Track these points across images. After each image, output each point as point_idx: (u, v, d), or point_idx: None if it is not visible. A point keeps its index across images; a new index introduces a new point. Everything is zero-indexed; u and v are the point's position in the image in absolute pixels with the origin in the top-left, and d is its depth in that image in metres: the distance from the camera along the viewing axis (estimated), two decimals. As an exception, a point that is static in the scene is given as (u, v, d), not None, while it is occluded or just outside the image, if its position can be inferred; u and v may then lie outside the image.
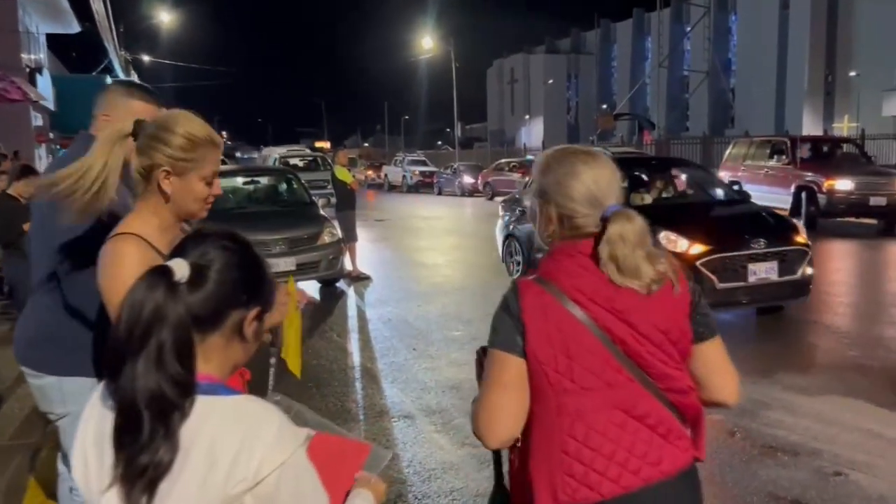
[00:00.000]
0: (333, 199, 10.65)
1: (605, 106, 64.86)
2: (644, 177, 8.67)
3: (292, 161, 24.11)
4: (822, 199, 13.29)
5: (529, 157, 37.83)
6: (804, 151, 14.79)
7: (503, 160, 30.02)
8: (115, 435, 1.06)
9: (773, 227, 6.95)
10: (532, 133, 70.04)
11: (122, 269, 1.68)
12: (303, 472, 1.11)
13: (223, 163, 26.23)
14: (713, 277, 6.27)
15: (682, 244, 6.46)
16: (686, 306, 1.56)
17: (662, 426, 1.50)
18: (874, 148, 27.40)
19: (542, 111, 74.54)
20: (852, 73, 45.70)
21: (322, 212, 9.82)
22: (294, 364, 2.25)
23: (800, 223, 7.26)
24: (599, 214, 1.51)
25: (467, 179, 29.82)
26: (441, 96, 51.41)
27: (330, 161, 25.65)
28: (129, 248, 1.74)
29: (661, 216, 6.42)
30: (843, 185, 13.17)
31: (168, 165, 1.76)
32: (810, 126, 46.24)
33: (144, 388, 1.03)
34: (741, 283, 6.39)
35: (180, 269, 1.11)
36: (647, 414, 1.49)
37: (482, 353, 1.70)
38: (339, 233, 9.43)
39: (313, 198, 10.46)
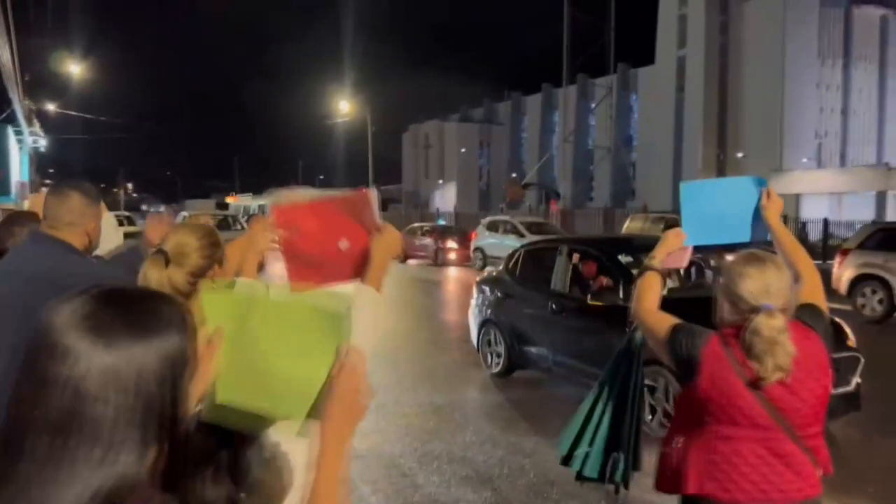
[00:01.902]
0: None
1: (514, 174, 67.23)
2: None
3: (202, 219, 23.75)
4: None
5: (441, 221, 38.66)
6: (694, 228, 15.97)
7: (416, 224, 30.55)
8: None
9: None
10: (446, 197, 71.55)
11: None
12: None
13: (129, 220, 25.28)
14: None
15: None
16: (826, 369, 2.05)
17: (797, 465, 2.00)
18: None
19: (456, 176, 76.40)
20: (740, 155, 49.41)
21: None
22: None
23: (844, 324, 6.11)
24: (755, 307, 1.98)
25: (380, 242, 30.03)
26: (357, 156, 52.15)
27: (242, 221, 25.46)
28: None
29: (690, 313, 5.15)
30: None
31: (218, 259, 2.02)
32: (704, 201, 49.35)
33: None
34: None
35: None
36: (788, 455, 1.99)
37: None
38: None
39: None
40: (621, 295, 6.38)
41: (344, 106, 44.24)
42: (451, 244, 24.65)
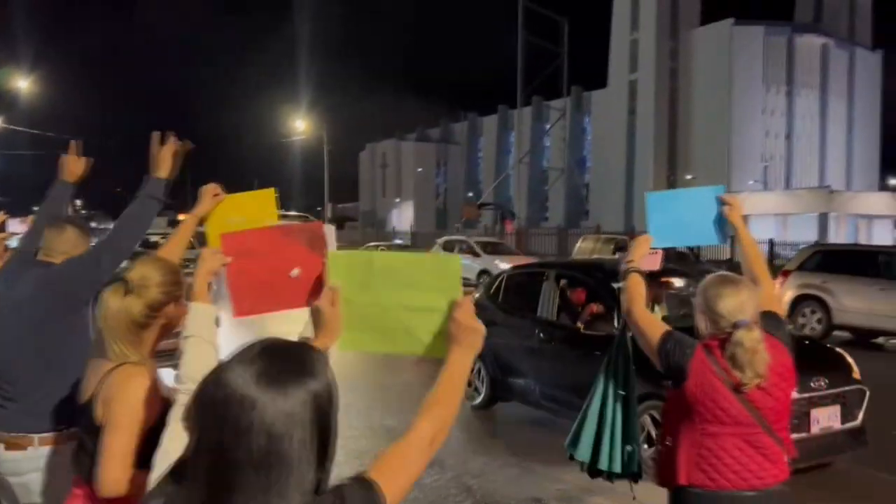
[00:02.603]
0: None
1: (471, 194, 67.76)
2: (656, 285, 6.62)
3: (153, 238, 23.33)
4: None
5: (398, 240, 38.73)
6: (643, 249, 16.42)
7: (372, 243, 30.55)
8: None
9: (827, 360, 5.76)
10: (403, 216, 71.60)
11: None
12: None
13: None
14: None
15: None
16: (792, 371, 2.35)
17: (772, 455, 2.29)
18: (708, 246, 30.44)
19: (413, 195, 76.62)
20: (689, 177, 50.66)
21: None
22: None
23: (847, 355, 5.93)
24: (733, 323, 2.25)
25: (335, 261, 29.84)
26: (314, 174, 51.86)
27: (195, 242, 25.00)
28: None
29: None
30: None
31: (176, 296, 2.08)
32: (655, 222, 50.45)
33: None
34: (804, 435, 5.01)
35: None
36: (764, 447, 2.28)
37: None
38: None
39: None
40: (616, 323, 5.88)
41: (300, 124, 44.07)
42: (407, 264, 24.66)
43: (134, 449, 1.87)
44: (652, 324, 2.44)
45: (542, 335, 6.67)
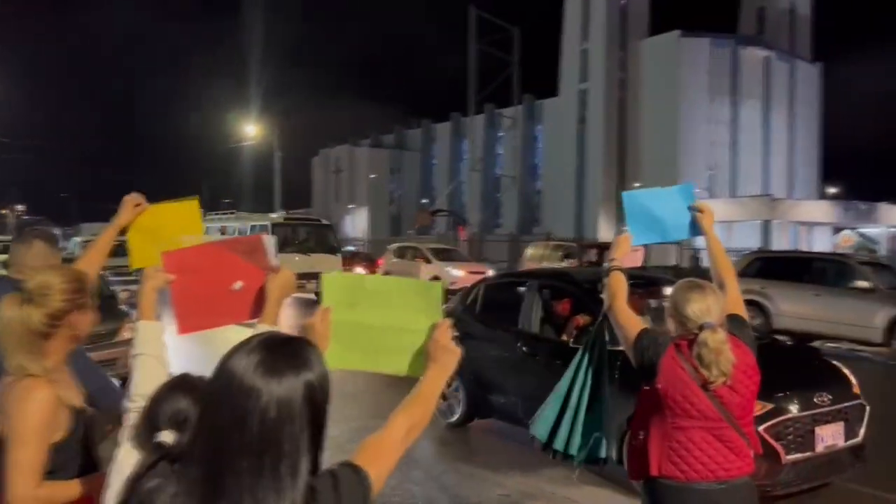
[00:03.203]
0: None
1: (425, 200, 67.72)
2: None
3: (96, 244, 22.71)
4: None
5: (350, 247, 38.47)
6: (590, 255, 16.69)
7: (324, 250, 30.22)
8: None
9: (828, 375, 5.50)
10: (356, 222, 71.18)
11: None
12: None
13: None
14: (778, 448, 4.61)
15: None
16: (756, 369, 2.50)
17: (737, 448, 2.44)
18: (658, 251, 31.13)
19: (367, 202, 76.24)
20: (637, 184, 51.64)
21: (123, 306, 9.48)
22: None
23: (844, 367, 5.71)
24: (699, 325, 2.41)
25: (286, 268, 29.51)
26: (265, 180, 51.03)
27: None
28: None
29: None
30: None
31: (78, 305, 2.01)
32: (605, 229, 51.37)
33: None
34: (809, 454, 4.78)
35: (168, 437, 1.39)
36: (729, 440, 2.42)
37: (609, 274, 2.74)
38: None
39: (117, 288, 10.09)
40: (606, 336, 5.65)
41: (251, 129, 43.45)
42: (359, 270, 24.58)
43: (42, 463, 1.81)
44: (630, 320, 2.60)
45: (524, 349, 6.28)
